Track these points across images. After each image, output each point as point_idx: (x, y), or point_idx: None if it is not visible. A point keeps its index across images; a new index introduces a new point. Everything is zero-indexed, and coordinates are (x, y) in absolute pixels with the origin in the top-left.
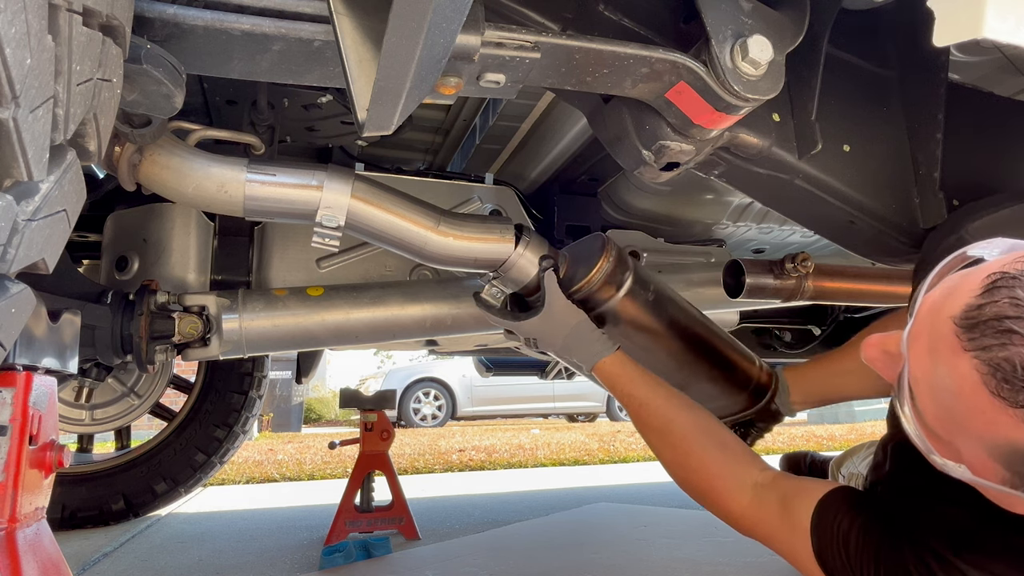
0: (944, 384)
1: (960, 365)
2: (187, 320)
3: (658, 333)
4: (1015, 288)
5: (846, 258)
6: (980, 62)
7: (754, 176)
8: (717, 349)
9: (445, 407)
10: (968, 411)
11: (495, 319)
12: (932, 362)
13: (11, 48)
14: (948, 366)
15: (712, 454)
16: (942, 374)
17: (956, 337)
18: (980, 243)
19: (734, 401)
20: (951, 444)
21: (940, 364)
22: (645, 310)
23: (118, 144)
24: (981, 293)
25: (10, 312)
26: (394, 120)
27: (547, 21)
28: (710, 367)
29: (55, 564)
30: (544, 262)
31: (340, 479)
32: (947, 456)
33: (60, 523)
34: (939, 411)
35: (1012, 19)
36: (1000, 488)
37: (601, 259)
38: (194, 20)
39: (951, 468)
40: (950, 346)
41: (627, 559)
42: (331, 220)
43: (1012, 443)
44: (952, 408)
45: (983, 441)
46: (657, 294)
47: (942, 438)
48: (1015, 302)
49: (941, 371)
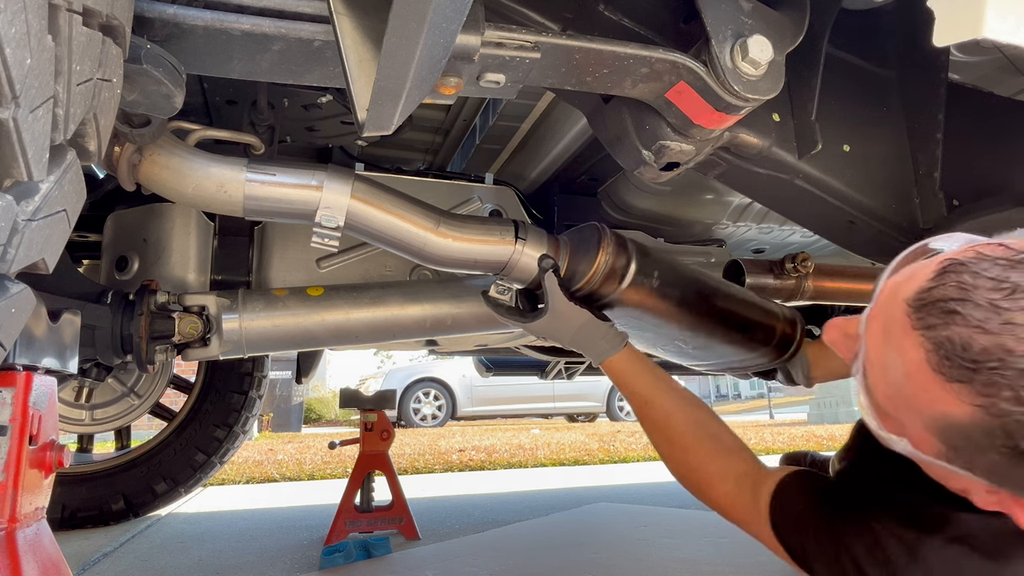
0: (893, 362)
1: (908, 343)
2: (187, 320)
3: (668, 313)
4: (962, 273)
5: (846, 258)
6: (980, 62)
7: (754, 176)
8: (733, 314)
9: (445, 407)
10: (912, 387)
11: (503, 318)
12: (885, 341)
13: (11, 48)
14: (898, 344)
15: (706, 445)
16: (892, 352)
17: (907, 317)
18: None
19: (758, 355)
20: (897, 419)
21: (891, 343)
22: (651, 295)
23: (118, 144)
24: (932, 277)
25: (10, 312)
26: (394, 120)
27: (547, 21)
28: (727, 332)
29: (55, 564)
30: (544, 262)
31: (340, 479)
32: (892, 431)
33: (60, 523)
34: (888, 388)
35: (1012, 19)
36: (936, 462)
37: (599, 254)
38: (194, 20)
39: (894, 442)
40: (901, 326)
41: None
42: (331, 220)
43: (948, 417)
44: (899, 384)
45: (923, 415)
46: (663, 275)
47: (889, 414)
48: (961, 286)
49: (892, 349)
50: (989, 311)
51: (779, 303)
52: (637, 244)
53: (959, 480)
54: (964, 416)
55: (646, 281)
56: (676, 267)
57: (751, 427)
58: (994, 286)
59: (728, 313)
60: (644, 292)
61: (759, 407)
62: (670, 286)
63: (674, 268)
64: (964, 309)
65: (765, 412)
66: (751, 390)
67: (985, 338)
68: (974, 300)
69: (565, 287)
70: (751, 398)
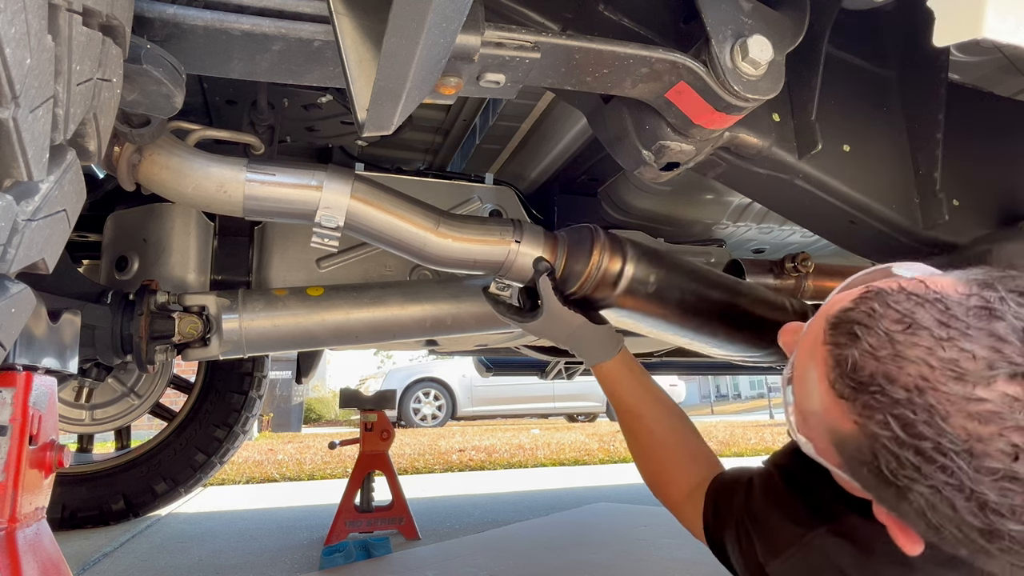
0: (808, 371)
1: (819, 355)
2: (187, 320)
3: (667, 316)
4: (874, 302)
5: (846, 258)
6: (980, 62)
7: (754, 176)
8: (738, 314)
9: (445, 407)
10: (817, 397)
11: (502, 316)
12: (808, 351)
13: (11, 48)
14: (814, 352)
15: (676, 456)
16: (809, 362)
17: (823, 332)
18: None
19: (767, 354)
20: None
21: (811, 353)
22: (648, 299)
23: (117, 144)
24: (853, 299)
25: (10, 312)
26: (394, 120)
27: (547, 21)
28: (732, 332)
29: (55, 564)
30: (539, 265)
31: (340, 479)
32: (804, 435)
33: (60, 523)
34: (802, 392)
35: (1012, 19)
36: (833, 469)
37: (591, 259)
38: (194, 20)
39: (803, 444)
40: (819, 339)
41: (627, 559)
42: (330, 220)
43: (839, 431)
44: (808, 393)
45: (823, 426)
46: (660, 277)
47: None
48: (870, 313)
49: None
50: (884, 340)
51: (791, 298)
52: (633, 245)
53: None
54: (846, 430)
55: (642, 285)
56: (675, 267)
57: (751, 427)
58: (897, 319)
59: (733, 313)
60: (641, 296)
61: (759, 407)
62: (669, 288)
63: (673, 268)
64: (864, 334)
65: (765, 412)
66: (751, 390)
67: (873, 364)
68: (875, 328)
69: (560, 290)
70: (751, 398)
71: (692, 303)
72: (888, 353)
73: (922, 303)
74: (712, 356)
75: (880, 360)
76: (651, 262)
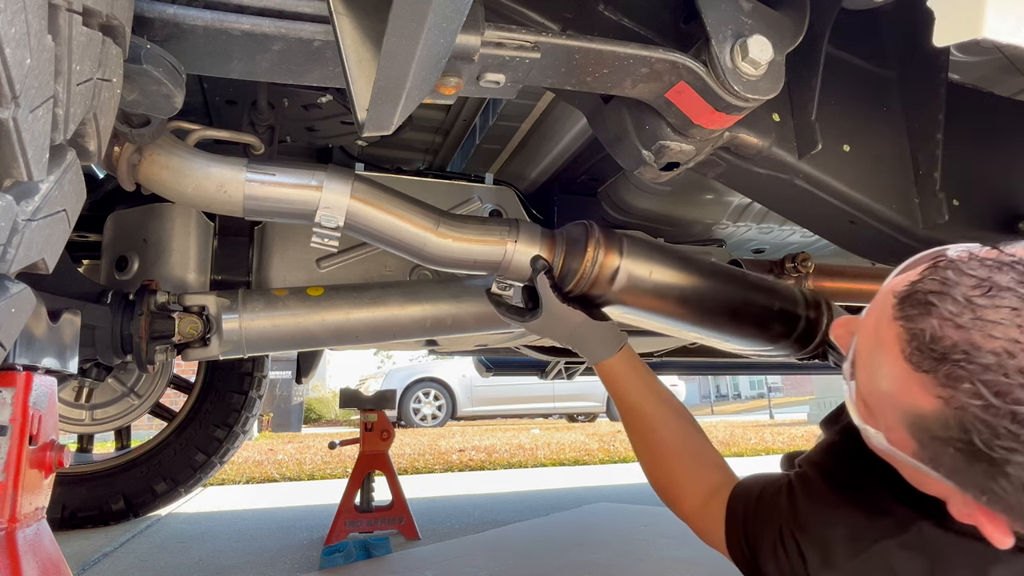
0: (876, 353)
1: (889, 333)
2: (187, 320)
3: (669, 309)
4: (947, 270)
5: (846, 258)
6: (980, 62)
7: (754, 176)
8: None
9: (445, 407)
10: (888, 377)
11: (504, 316)
12: (873, 333)
13: (11, 48)
14: (882, 335)
15: (685, 462)
16: (877, 343)
17: (892, 308)
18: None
19: (777, 347)
20: (876, 413)
21: (878, 334)
22: (648, 293)
23: (117, 144)
24: (921, 271)
25: (10, 312)
26: (394, 120)
27: (547, 21)
28: (739, 324)
29: (55, 564)
30: (536, 263)
31: (340, 479)
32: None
33: (60, 523)
34: (870, 380)
35: (1012, 19)
36: (909, 460)
37: (587, 255)
38: (194, 20)
39: (871, 435)
40: (887, 317)
41: (627, 559)
42: (330, 220)
43: (915, 409)
44: (879, 375)
45: (896, 408)
46: (659, 271)
47: (871, 407)
48: (943, 281)
49: (877, 341)
50: (963, 306)
51: (802, 288)
52: (629, 240)
53: (936, 484)
54: (928, 408)
55: (640, 279)
56: (674, 260)
57: (751, 427)
58: (975, 284)
59: (739, 304)
60: (639, 290)
61: (759, 407)
62: (668, 281)
63: (672, 262)
64: (941, 303)
65: (765, 412)
66: (751, 390)
67: (955, 332)
68: (952, 295)
69: (558, 288)
70: (751, 398)
71: (694, 295)
72: (970, 319)
73: (999, 267)
74: (722, 350)
75: (962, 327)
76: (648, 255)
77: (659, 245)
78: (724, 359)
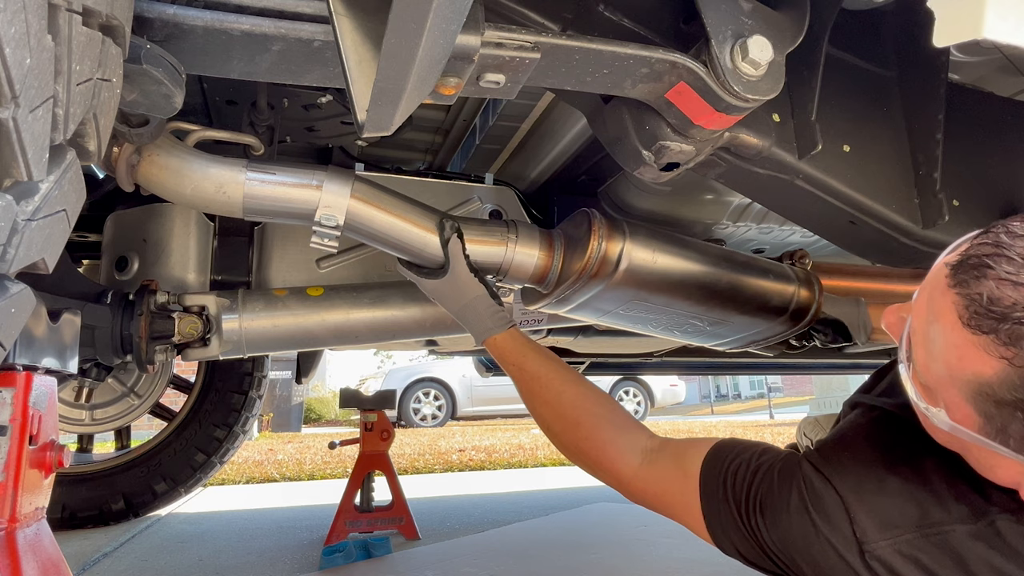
0: (932, 327)
1: (945, 304)
2: (187, 320)
3: (674, 289)
4: (1000, 233)
5: (846, 258)
6: (980, 62)
7: (754, 177)
8: (744, 281)
9: (445, 407)
10: (946, 347)
11: (406, 274)
12: (927, 309)
13: (11, 48)
14: (937, 308)
15: (602, 423)
16: (932, 317)
17: (945, 279)
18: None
19: (773, 326)
20: (935, 392)
21: (932, 308)
22: (653, 273)
23: (116, 144)
24: (972, 242)
25: (10, 312)
26: (394, 121)
27: (547, 21)
28: (741, 301)
29: (55, 564)
30: (448, 225)
31: (340, 479)
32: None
33: (60, 523)
34: (928, 356)
35: (1012, 19)
36: (976, 437)
37: (591, 239)
38: (194, 20)
39: (933, 414)
40: (941, 288)
41: (627, 559)
42: (330, 220)
43: (979, 376)
44: (935, 349)
45: (957, 381)
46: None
47: (929, 387)
48: (997, 243)
49: (931, 315)
50: (1021, 264)
51: (792, 266)
52: (631, 225)
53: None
54: (991, 372)
55: (645, 260)
56: (675, 241)
57: (751, 427)
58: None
59: (739, 281)
60: (646, 271)
61: (759, 407)
62: (672, 261)
63: (673, 242)
64: (996, 264)
65: (765, 412)
66: (751, 390)
67: (1014, 291)
68: (1007, 255)
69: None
70: (751, 398)
71: (697, 272)
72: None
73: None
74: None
75: (1021, 284)
76: (650, 238)
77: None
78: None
